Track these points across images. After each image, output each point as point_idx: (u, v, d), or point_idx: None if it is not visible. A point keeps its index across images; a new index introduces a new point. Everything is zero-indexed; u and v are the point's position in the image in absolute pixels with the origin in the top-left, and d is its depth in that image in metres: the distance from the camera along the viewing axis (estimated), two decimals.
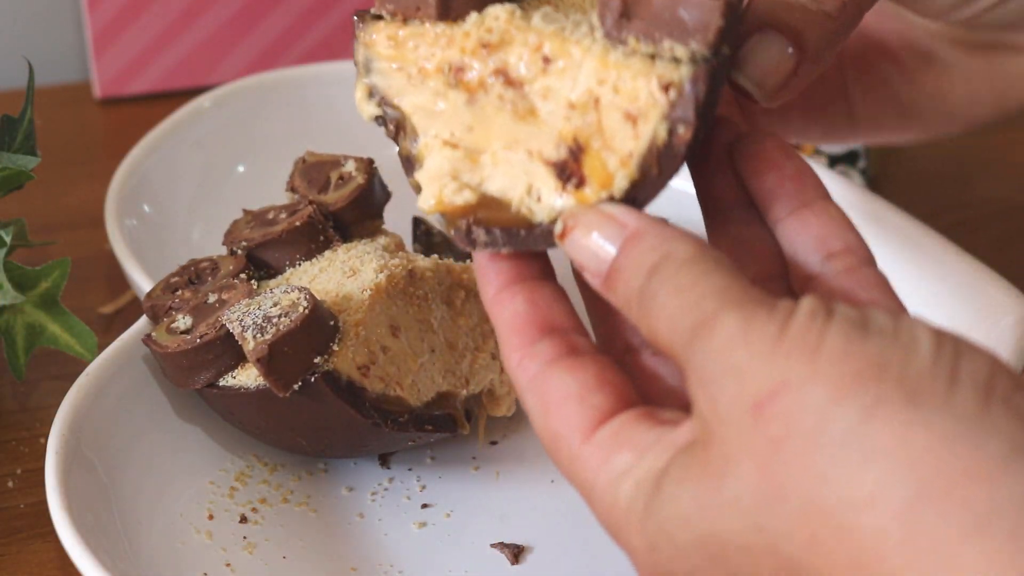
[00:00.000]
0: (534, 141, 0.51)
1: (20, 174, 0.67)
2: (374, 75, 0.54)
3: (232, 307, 0.61)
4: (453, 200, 0.52)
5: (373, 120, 0.54)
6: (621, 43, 0.50)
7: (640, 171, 0.49)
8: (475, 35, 0.52)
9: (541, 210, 0.51)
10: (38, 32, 0.97)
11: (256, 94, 0.84)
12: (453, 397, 0.65)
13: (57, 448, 0.60)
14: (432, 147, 0.53)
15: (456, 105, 0.52)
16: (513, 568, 0.62)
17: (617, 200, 0.50)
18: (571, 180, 0.51)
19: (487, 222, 0.52)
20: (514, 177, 0.51)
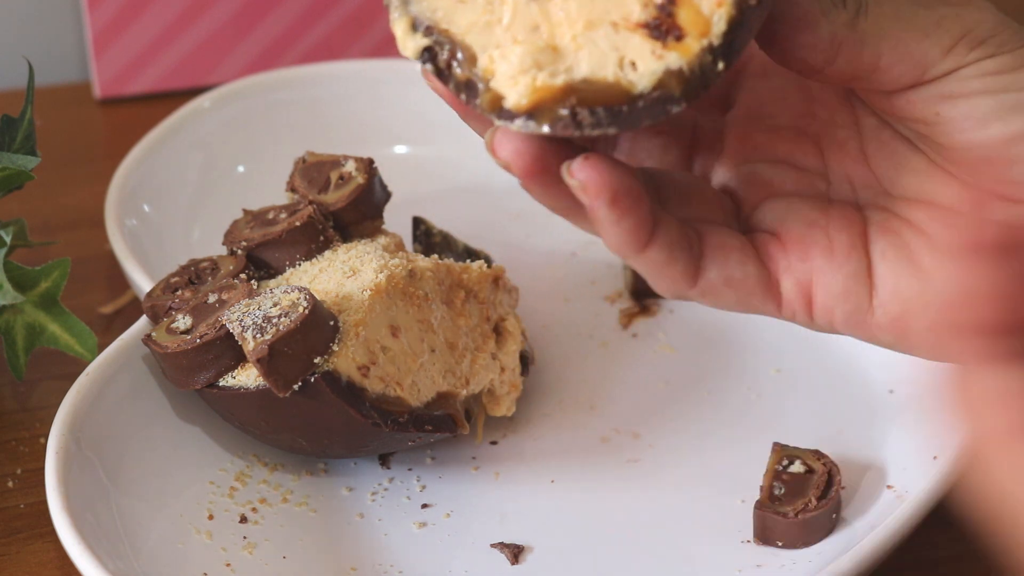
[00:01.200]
0: (616, 10, 0.49)
1: (20, 174, 0.67)
2: (414, 4, 0.50)
3: (232, 307, 0.61)
4: (551, 83, 0.49)
5: (420, 54, 0.50)
6: None
7: (736, 6, 0.48)
8: None
9: (641, 78, 0.49)
10: (38, 32, 0.97)
11: (256, 94, 0.84)
12: (453, 397, 0.65)
13: (57, 448, 0.60)
14: (500, 55, 0.49)
15: (517, 6, 0.49)
16: (513, 568, 0.62)
17: (717, 46, 0.48)
18: (668, 36, 0.49)
19: (587, 103, 0.49)
20: (603, 54, 0.49)
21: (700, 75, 0.49)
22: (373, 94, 0.85)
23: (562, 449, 0.67)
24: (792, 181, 0.55)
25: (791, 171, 0.55)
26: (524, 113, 0.49)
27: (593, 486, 0.65)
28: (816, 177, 0.56)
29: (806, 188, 0.55)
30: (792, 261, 0.54)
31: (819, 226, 0.54)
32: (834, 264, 0.54)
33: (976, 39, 0.52)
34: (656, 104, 0.49)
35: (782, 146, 0.56)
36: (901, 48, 0.52)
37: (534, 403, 0.69)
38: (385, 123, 0.85)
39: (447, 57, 0.50)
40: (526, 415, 0.69)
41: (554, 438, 0.68)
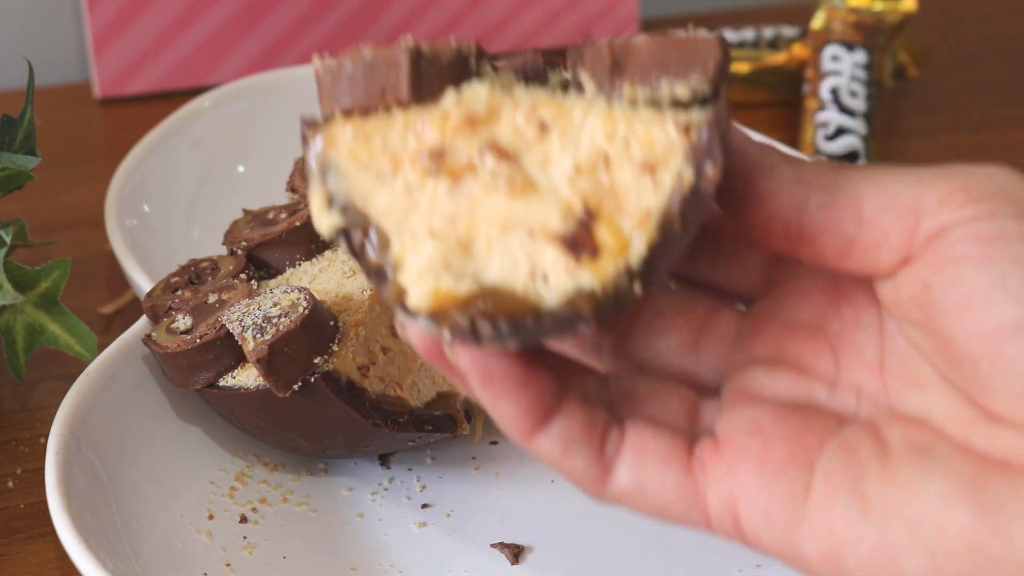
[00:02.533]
0: (535, 217, 0.47)
1: (20, 174, 0.67)
2: (332, 179, 0.48)
3: (232, 307, 0.61)
4: (454, 290, 0.46)
5: (334, 233, 0.47)
6: (615, 93, 0.47)
7: (660, 230, 0.46)
8: (457, 113, 0.48)
9: (551, 293, 0.46)
10: (38, 32, 0.97)
11: (256, 94, 0.84)
12: (453, 397, 0.65)
13: (57, 448, 0.60)
14: (412, 246, 0.47)
15: (436, 196, 0.47)
16: (513, 568, 0.62)
17: (634, 268, 0.46)
18: (583, 251, 0.46)
19: (489, 314, 0.46)
20: (514, 261, 0.47)
21: (614, 297, 0.46)
22: None
23: None
24: (784, 388, 0.49)
25: (790, 375, 0.49)
26: (426, 315, 0.46)
27: None
28: (818, 383, 0.49)
29: (799, 395, 0.49)
30: (720, 473, 0.47)
31: (761, 434, 0.48)
32: (762, 480, 0.47)
33: (981, 192, 0.45)
34: (563, 323, 0.46)
35: (792, 344, 0.50)
36: (889, 192, 0.46)
37: None
38: None
39: (360, 239, 0.47)
40: None
41: None
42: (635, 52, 0.47)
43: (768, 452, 0.47)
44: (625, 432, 0.48)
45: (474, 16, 0.97)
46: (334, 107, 0.49)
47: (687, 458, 0.48)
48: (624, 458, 0.48)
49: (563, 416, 0.47)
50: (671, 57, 0.47)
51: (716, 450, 0.48)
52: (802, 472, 0.46)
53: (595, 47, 0.48)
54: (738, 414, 0.48)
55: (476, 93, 0.48)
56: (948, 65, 0.99)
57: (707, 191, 0.45)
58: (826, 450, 0.47)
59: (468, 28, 0.98)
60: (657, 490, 0.48)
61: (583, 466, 0.48)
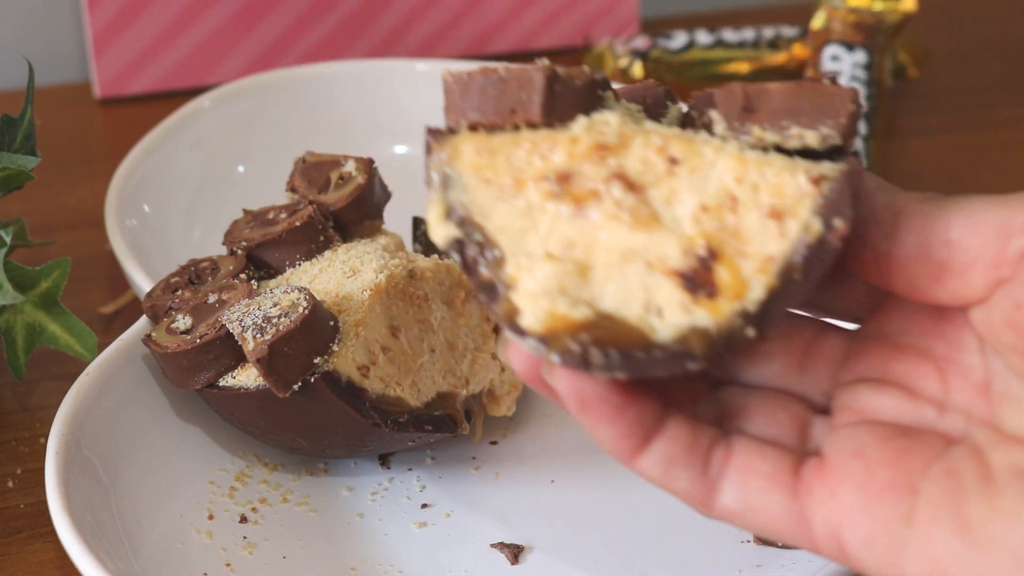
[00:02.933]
0: (656, 250, 0.47)
1: (20, 174, 0.67)
2: (454, 191, 0.48)
3: (232, 307, 0.61)
4: (569, 315, 0.46)
5: (448, 244, 0.48)
6: (744, 134, 0.47)
7: (781, 277, 0.46)
8: (587, 138, 0.48)
9: (664, 327, 0.46)
10: (38, 32, 0.97)
11: (256, 94, 0.84)
12: (453, 397, 0.65)
13: (57, 448, 0.60)
14: (528, 266, 0.47)
15: (557, 218, 0.47)
16: (513, 568, 0.62)
17: (751, 312, 0.46)
18: (701, 290, 0.46)
19: (601, 342, 0.46)
20: (631, 292, 0.47)
21: (727, 338, 0.46)
22: (373, 94, 0.85)
23: (562, 449, 0.67)
24: (892, 408, 0.49)
25: (898, 396, 0.49)
26: (536, 336, 0.46)
27: (593, 486, 0.65)
28: (927, 404, 0.48)
29: (907, 416, 0.48)
30: (824, 496, 0.47)
31: (864, 457, 0.47)
32: (864, 504, 0.46)
33: None
34: (674, 358, 0.46)
35: (900, 365, 0.49)
36: (976, 216, 0.46)
37: (534, 403, 0.69)
38: (385, 123, 0.85)
39: (474, 254, 0.48)
40: (526, 415, 0.69)
41: (554, 438, 0.68)
42: (768, 97, 0.47)
43: (871, 475, 0.47)
44: (731, 450, 0.48)
45: (474, 16, 0.97)
46: (460, 119, 0.49)
47: (793, 479, 0.48)
48: (729, 478, 0.48)
49: (665, 436, 0.48)
50: (804, 105, 0.47)
51: (821, 472, 0.47)
52: (904, 496, 0.46)
53: (728, 88, 0.48)
54: (844, 435, 0.48)
55: (607, 121, 0.48)
56: (948, 65, 0.99)
57: (834, 244, 0.46)
58: (930, 474, 0.46)
59: (468, 28, 0.98)
60: (763, 511, 0.48)
61: (686, 487, 0.48)
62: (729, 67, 0.94)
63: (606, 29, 1.00)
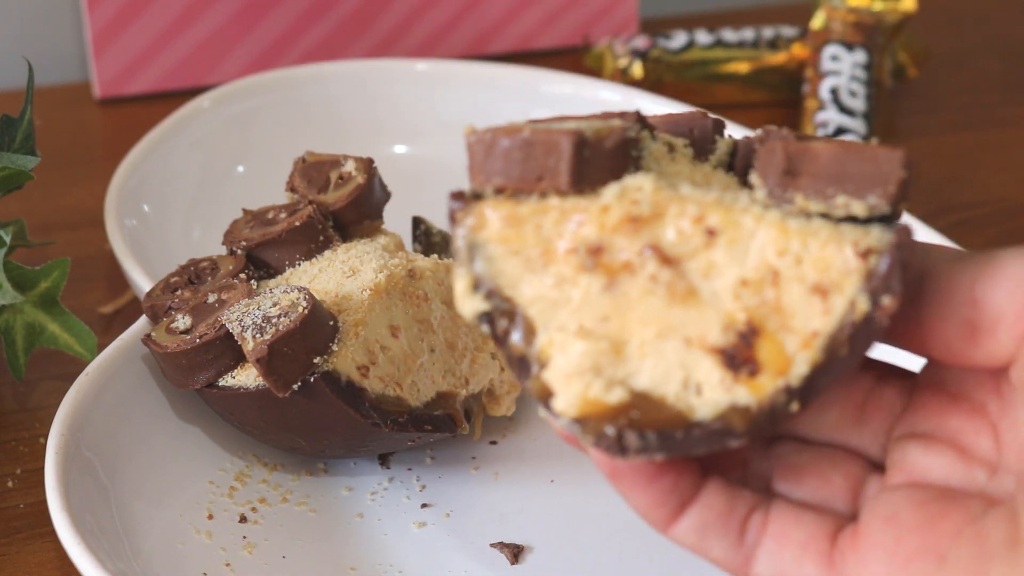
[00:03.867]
0: (693, 326, 0.45)
1: (20, 174, 0.67)
2: (480, 262, 0.46)
3: (232, 307, 0.61)
4: (604, 399, 0.45)
5: (477, 318, 0.46)
6: (787, 202, 0.45)
7: (825, 353, 0.44)
8: (619, 208, 0.45)
9: (703, 405, 0.45)
10: (38, 32, 0.97)
11: (256, 94, 0.84)
12: (452, 397, 0.65)
13: (57, 448, 0.60)
14: (559, 342, 0.45)
15: (590, 292, 0.45)
16: (512, 568, 0.62)
17: (794, 387, 0.44)
18: (743, 368, 0.44)
19: (638, 424, 0.45)
20: (668, 369, 0.45)
21: (769, 414, 0.45)
22: (373, 94, 0.85)
23: (562, 449, 0.67)
24: (943, 469, 0.47)
25: (949, 456, 0.47)
26: (570, 419, 0.45)
27: (593, 486, 0.65)
28: (979, 466, 0.47)
29: (956, 477, 0.47)
30: (854, 564, 0.46)
31: (897, 524, 0.46)
32: (889, 572, 0.45)
33: None
34: (714, 436, 0.45)
35: (955, 421, 0.47)
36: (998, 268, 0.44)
37: (534, 403, 0.69)
38: (385, 123, 0.85)
39: (505, 327, 0.46)
40: (526, 415, 0.69)
41: (554, 438, 0.68)
42: (812, 158, 0.45)
43: (900, 543, 0.45)
44: (769, 517, 0.47)
45: (474, 16, 0.97)
46: (486, 184, 0.46)
47: (829, 547, 0.47)
48: (764, 546, 0.47)
49: (700, 504, 0.47)
50: (850, 169, 0.44)
51: (855, 539, 0.46)
52: (931, 563, 0.45)
53: (769, 148, 0.46)
54: (882, 500, 0.47)
55: (640, 187, 0.45)
56: (947, 65, 0.99)
57: (881, 322, 0.44)
58: (960, 539, 0.45)
59: (468, 28, 0.98)
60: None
61: (721, 556, 0.47)
62: (729, 67, 0.94)
63: (606, 29, 1.00)
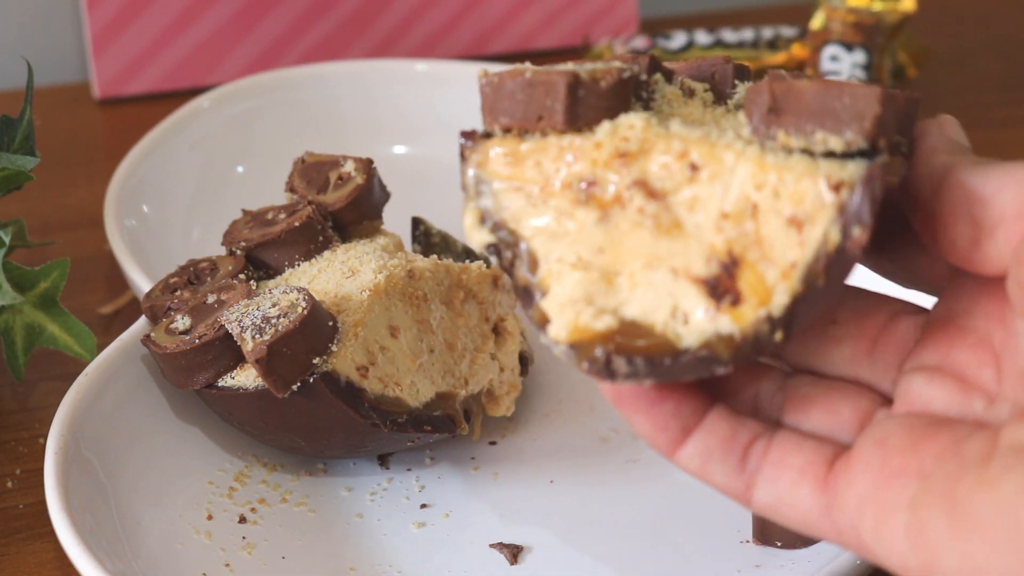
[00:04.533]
0: (679, 257, 0.47)
1: (19, 174, 0.67)
2: (486, 198, 0.49)
3: (231, 308, 0.61)
4: (592, 326, 0.47)
5: (484, 248, 0.49)
6: (770, 138, 0.46)
7: (804, 283, 0.45)
8: (609, 145, 0.47)
9: (689, 333, 0.46)
10: (37, 32, 0.97)
11: (255, 94, 0.84)
12: (452, 397, 0.65)
13: (56, 448, 0.60)
14: (558, 272, 0.48)
15: (585, 225, 0.48)
16: (512, 568, 0.62)
17: (776, 317, 0.46)
18: (725, 297, 0.46)
19: (627, 350, 0.47)
20: (656, 299, 0.47)
21: (753, 343, 0.46)
22: (372, 94, 0.85)
23: (561, 449, 0.67)
24: (943, 400, 0.47)
25: (950, 387, 0.47)
26: (564, 345, 0.47)
27: (592, 486, 0.65)
28: (978, 397, 0.47)
29: (955, 408, 0.47)
30: (844, 484, 0.47)
31: (884, 445, 0.46)
32: (875, 491, 0.46)
33: None
34: (700, 363, 0.46)
35: (960, 353, 0.48)
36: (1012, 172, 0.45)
37: (533, 403, 0.69)
38: (384, 123, 0.85)
39: (510, 257, 0.49)
40: (525, 415, 0.69)
41: (553, 438, 0.68)
42: (796, 96, 0.46)
43: (885, 462, 0.46)
44: (770, 445, 0.48)
45: (474, 16, 0.97)
46: (494, 123, 0.49)
47: (826, 472, 0.47)
48: (764, 472, 0.48)
49: (703, 430, 0.48)
50: (829, 105, 0.46)
51: (847, 463, 0.47)
52: (911, 482, 0.45)
53: (757, 87, 0.47)
54: (876, 426, 0.47)
55: (632, 125, 0.47)
56: (947, 65, 0.99)
57: (853, 253, 0.45)
58: (942, 459, 0.45)
59: (468, 28, 0.98)
60: (793, 504, 0.47)
61: (723, 481, 0.48)
62: None
63: (605, 29, 1.00)
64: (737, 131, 0.48)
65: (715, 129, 0.48)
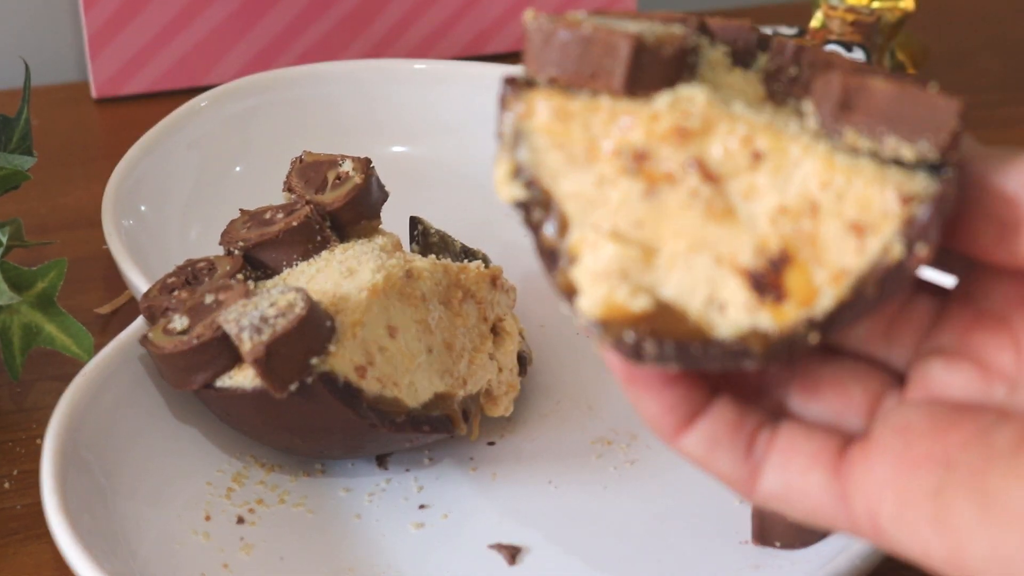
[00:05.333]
0: (726, 245, 0.45)
1: (16, 174, 0.67)
2: (524, 150, 0.46)
3: (229, 308, 0.61)
4: (628, 305, 0.45)
5: (513, 204, 0.46)
6: (837, 134, 0.45)
7: (853, 291, 0.44)
8: (669, 118, 0.45)
9: (725, 324, 0.45)
10: (35, 32, 0.96)
11: (253, 94, 0.84)
12: (450, 398, 0.65)
13: (53, 449, 0.60)
14: (591, 241, 0.46)
15: (628, 196, 0.45)
16: (510, 569, 0.61)
17: (816, 320, 0.44)
18: (768, 293, 0.45)
19: (658, 333, 0.45)
20: (694, 283, 0.45)
21: (788, 343, 0.45)
22: (370, 94, 0.85)
23: (560, 450, 0.67)
24: (962, 386, 0.46)
25: (970, 373, 0.46)
26: (592, 320, 0.45)
27: (591, 487, 0.65)
28: (999, 383, 0.46)
29: (975, 394, 0.46)
30: (862, 472, 0.45)
31: (908, 432, 0.45)
32: (897, 478, 0.44)
33: None
34: (730, 355, 0.45)
35: (979, 336, 0.47)
36: None
37: (532, 404, 0.69)
38: (382, 123, 0.85)
39: (539, 218, 0.46)
40: (524, 416, 0.69)
41: (552, 439, 0.68)
42: (868, 95, 0.44)
43: (908, 449, 0.44)
44: (777, 432, 0.47)
45: (472, 16, 0.97)
46: (539, 73, 0.46)
47: (838, 459, 0.46)
48: (771, 460, 0.46)
49: (710, 416, 0.46)
50: (905, 111, 0.44)
51: (864, 449, 0.46)
52: (937, 469, 0.44)
53: (827, 79, 0.45)
54: (895, 412, 0.46)
55: (692, 99, 0.45)
56: (946, 64, 0.99)
57: (912, 269, 0.44)
58: (968, 447, 0.44)
59: (466, 28, 0.98)
60: (804, 492, 0.46)
61: (728, 468, 0.47)
62: None
63: None
64: (798, 122, 0.46)
65: (779, 117, 0.46)
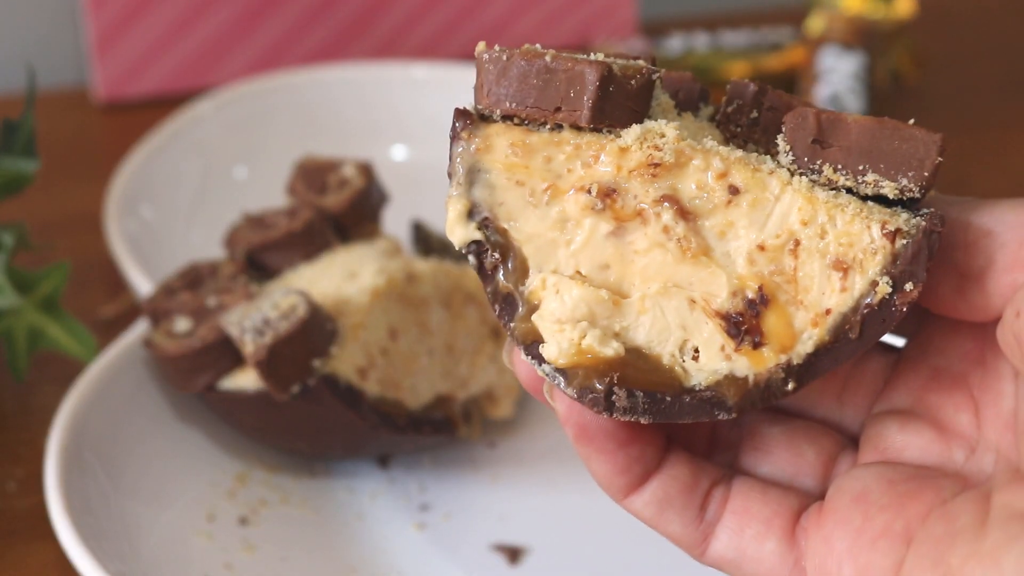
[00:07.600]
0: (700, 287, 0.42)
1: (20, 178, 0.67)
2: (479, 188, 0.43)
3: (231, 310, 0.61)
4: (599, 350, 0.42)
5: (465, 247, 0.43)
6: (813, 171, 0.42)
7: (833, 334, 0.42)
8: (640, 152, 0.42)
9: (698, 372, 0.43)
10: (39, 36, 0.97)
11: (256, 97, 0.84)
12: (451, 400, 0.65)
13: (57, 450, 0.60)
14: (555, 284, 0.43)
15: (594, 236, 0.43)
16: (511, 569, 0.62)
17: (794, 365, 0.42)
18: (746, 338, 0.42)
19: (629, 382, 0.42)
20: (665, 329, 0.43)
21: (763, 390, 0.43)
22: (372, 97, 0.85)
23: (560, 451, 0.67)
24: (919, 448, 0.45)
25: (926, 434, 0.45)
26: (557, 368, 0.43)
27: (591, 488, 0.65)
28: (957, 445, 0.45)
29: (932, 457, 0.45)
30: (818, 542, 0.44)
31: (865, 502, 0.43)
32: (855, 552, 0.43)
33: None
34: (703, 405, 0.42)
35: (935, 396, 0.45)
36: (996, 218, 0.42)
37: (532, 405, 0.69)
38: (383, 126, 0.85)
39: (495, 261, 0.43)
40: (524, 417, 0.69)
41: (552, 440, 0.68)
42: (844, 130, 0.42)
43: (867, 522, 0.43)
44: (731, 492, 0.45)
45: (473, 19, 0.98)
46: (495, 106, 0.43)
47: (792, 524, 0.45)
48: (724, 523, 0.45)
49: (662, 476, 0.45)
50: (883, 146, 0.42)
51: (820, 517, 0.44)
52: (896, 545, 0.42)
53: (800, 113, 0.43)
54: (851, 477, 0.44)
55: (663, 133, 0.43)
56: (946, 68, 1.00)
57: (899, 308, 0.42)
58: (928, 521, 0.42)
59: (467, 31, 0.98)
60: (756, 560, 0.45)
61: (679, 531, 0.45)
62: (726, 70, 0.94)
63: (604, 31, 1.00)
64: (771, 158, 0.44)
65: (753, 153, 0.44)
